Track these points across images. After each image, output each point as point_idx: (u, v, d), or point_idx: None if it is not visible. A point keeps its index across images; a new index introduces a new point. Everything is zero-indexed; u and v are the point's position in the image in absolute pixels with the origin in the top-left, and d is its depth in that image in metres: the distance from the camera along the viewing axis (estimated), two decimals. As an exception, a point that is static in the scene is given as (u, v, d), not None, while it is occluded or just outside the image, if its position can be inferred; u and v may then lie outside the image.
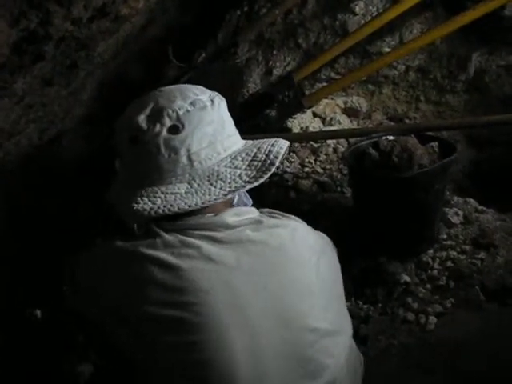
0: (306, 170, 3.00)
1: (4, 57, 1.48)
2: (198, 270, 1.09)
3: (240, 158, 1.20)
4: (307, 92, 3.24)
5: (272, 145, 1.24)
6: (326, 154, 3.09)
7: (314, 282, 1.20)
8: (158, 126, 1.16)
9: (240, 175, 1.18)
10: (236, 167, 1.19)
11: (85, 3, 1.54)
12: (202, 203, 1.14)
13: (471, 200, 2.65)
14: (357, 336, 2.03)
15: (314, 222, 1.39)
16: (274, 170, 1.20)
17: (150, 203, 1.14)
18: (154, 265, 1.10)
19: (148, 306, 1.09)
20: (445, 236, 2.46)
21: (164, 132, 1.15)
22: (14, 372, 1.84)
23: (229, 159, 1.20)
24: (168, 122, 1.16)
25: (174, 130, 1.15)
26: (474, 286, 2.18)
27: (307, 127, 3.23)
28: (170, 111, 1.16)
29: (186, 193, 1.15)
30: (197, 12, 3.25)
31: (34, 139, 2.25)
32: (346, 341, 1.28)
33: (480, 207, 2.61)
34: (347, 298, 2.07)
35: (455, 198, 2.67)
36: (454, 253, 2.36)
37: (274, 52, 3.31)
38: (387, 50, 3.18)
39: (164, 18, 2.83)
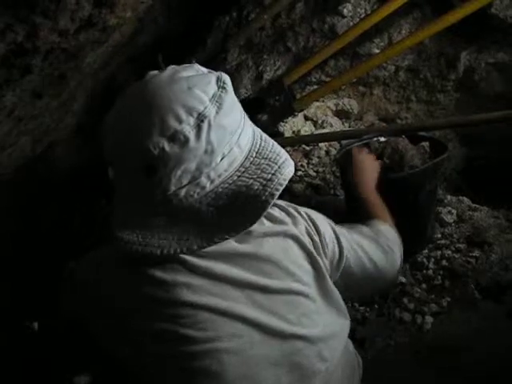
0: (299, 173, 3.01)
1: (-8, 71, 1.48)
2: (183, 283, 1.08)
3: (225, 197, 1.07)
4: (298, 95, 3.25)
5: (264, 186, 1.07)
6: (318, 157, 3.10)
7: (306, 289, 1.19)
8: (130, 163, 1.05)
9: (221, 216, 1.06)
10: (218, 207, 1.06)
11: (71, 15, 1.54)
12: (174, 250, 1.05)
13: (464, 198, 2.67)
14: (354, 338, 2.04)
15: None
16: (257, 219, 1.06)
17: (130, 233, 1.07)
18: (140, 279, 1.09)
19: (139, 320, 1.09)
20: (439, 235, 2.47)
21: (138, 172, 1.05)
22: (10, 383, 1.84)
23: (213, 195, 1.07)
24: (141, 161, 1.04)
25: (148, 170, 1.04)
26: (469, 285, 2.19)
27: (299, 131, 3.24)
28: (145, 150, 1.02)
29: (164, 225, 1.07)
30: (186, 19, 3.25)
31: (26, 151, 2.25)
32: (341, 343, 1.27)
33: (473, 205, 2.63)
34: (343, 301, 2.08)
35: (448, 197, 2.69)
36: (449, 252, 2.36)
37: (264, 56, 3.32)
38: (376, 51, 3.20)
39: (153, 26, 2.83)
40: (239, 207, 1.07)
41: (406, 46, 3.00)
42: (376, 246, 1.49)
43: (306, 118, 3.32)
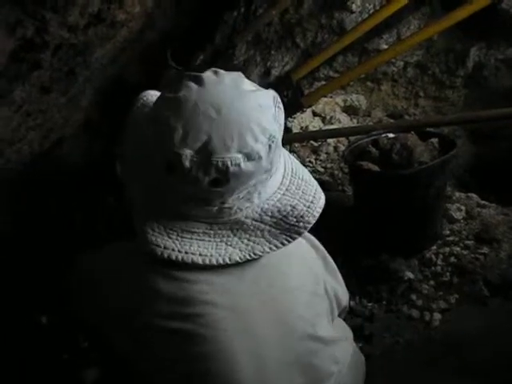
0: (307, 169, 2.99)
1: (1, 65, 1.48)
2: (202, 281, 1.07)
3: (270, 213, 1.10)
4: (306, 91, 3.24)
5: (308, 208, 1.12)
6: (326, 153, 3.09)
7: (321, 289, 1.19)
8: (200, 173, 1.03)
9: (263, 230, 1.09)
10: (262, 221, 1.10)
11: (80, 10, 1.54)
12: (217, 261, 1.06)
13: (473, 195, 2.66)
14: (362, 334, 2.04)
15: (316, 222, 1.38)
16: (298, 237, 1.11)
17: (165, 235, 1.06)
18: (158, 276, 1.08)
19: (153, 318, 1.07)
20: (447, 232, 2.46)
21: (205, 182, 1.04)
22: (19, 377, 1.84)
23: (259, 211, 1.10)
24: (213, 174, 1.03)
25: (216, 183, 1.04)
26: (477, 282, 2.18)
27: (307, 126, 3.23)
28: (220, 164, 1.01)
29: (203, 233, 1.08)
30: (194, 14, 3.25)
31: (34, 146, 2.25)
32: (351, 345, 1.27)
33: (482, 202, 2.61)
34: (351, 297, 2.08)
35: (457, 194, 2.67)
36: (457, 248, 2.36)
37: (272, 52, 3.31)
38: (385, 46, 3.19)
39: (161, 22, 2.83)
40: (283, 225, 1.10)
41: (415, 41, 2.99)
42: None
43: (315, 114, 3.31)
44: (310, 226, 1.11)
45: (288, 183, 1.16)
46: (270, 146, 1.06)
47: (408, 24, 3.18)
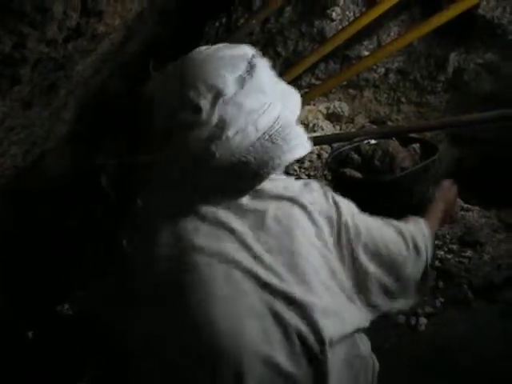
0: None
1: (-20, 82, 1.48)
2: (192, 229, 1.15)
3: (225, 166, 1.16)
4: (289, 99, 3.24)
5: (263, 169, 1.18)
6: (310, 161, 3.10)
7: (311, 258, 1.19)
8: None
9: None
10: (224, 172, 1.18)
11: (58, 24, 1.54)
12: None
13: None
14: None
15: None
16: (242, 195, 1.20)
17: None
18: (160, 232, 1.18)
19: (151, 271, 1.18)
20: (432, 236, 2.48)
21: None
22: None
23: (221, 162, 1.16)
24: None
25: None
26: (462, 285, 2.19)
27: (290, 134, 3.24)
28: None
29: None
30: (176, 25, 3.26)
31: (18, 160, 2.24)
32: (341, 327, 1.23)
33: (465, 205, 2.63)
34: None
35: (440, 198, 2.69)
36: (442, 252, 2.37)
37: (254, 61, 3.32)
38: (366, 53, 3.21)
39: (143, 33, 2.83)
40: (234, 179, 1.17)
41: (396, 48, 3.02)
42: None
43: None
44: (263, 179, 1.17)
45: (259, 145, 1.17)
46: (214, 101, 1.14)
47: (388, 30, 3.21)
